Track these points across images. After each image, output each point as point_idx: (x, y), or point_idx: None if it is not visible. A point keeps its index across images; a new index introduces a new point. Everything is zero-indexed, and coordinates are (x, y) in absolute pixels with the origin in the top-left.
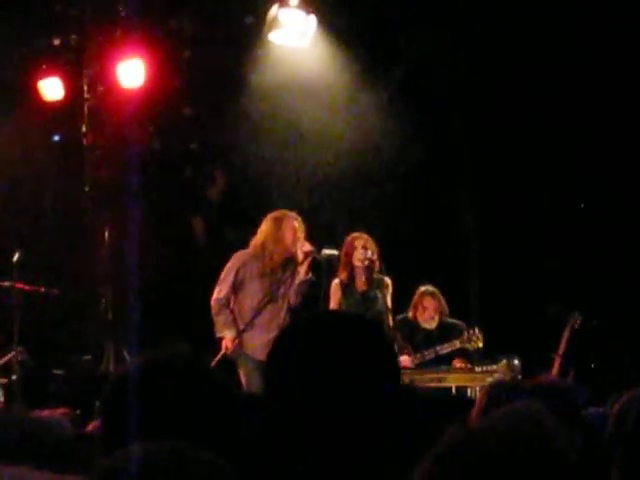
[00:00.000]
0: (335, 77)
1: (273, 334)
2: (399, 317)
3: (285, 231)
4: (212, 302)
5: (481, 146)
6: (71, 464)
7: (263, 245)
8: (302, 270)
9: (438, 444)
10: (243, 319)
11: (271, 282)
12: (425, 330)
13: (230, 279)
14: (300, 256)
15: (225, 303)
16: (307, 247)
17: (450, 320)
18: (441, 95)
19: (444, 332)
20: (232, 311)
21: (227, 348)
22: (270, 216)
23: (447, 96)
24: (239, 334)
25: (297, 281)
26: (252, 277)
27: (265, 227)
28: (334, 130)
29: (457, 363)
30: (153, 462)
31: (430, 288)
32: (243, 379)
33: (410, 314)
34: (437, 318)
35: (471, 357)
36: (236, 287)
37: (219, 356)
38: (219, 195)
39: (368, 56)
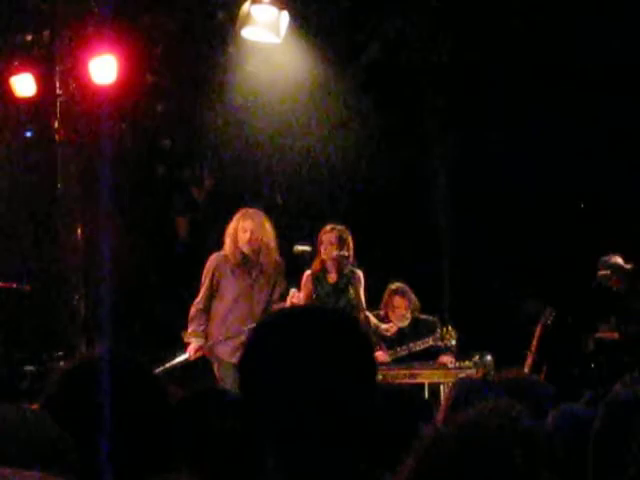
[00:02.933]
0: (308, 73)
1: (243, 338)
2: (372, 314)
3: (238, 229)
4: (192, 306)
5: (456, 140)
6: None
7: (224, 244)
8: None
9: (420, 440)
10: (217, 320)
11: (243, 281)
12: (398, 328)
13: (207, 283)
14: (288, 303)
15: (202, 308)
16: (296, 299)
17: (423, 316)
18: (415, 85)
19: (417, 329)
20: (208, 318)
21: (190, 356)
22: (236, 214)
23: (422, 86)
24: (208, 345)
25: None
26: (225, 277)
27: (228, 225)
28: (307, 125)
29: (444, 358)
30: None
31: (399, 286)
32: (219, 381)
33: (382, 312)
34: (409, 315)
35: (453, 353)
36: (214, 290)
37: (182, 360)
38: (205, 196)
39: (341, 51)
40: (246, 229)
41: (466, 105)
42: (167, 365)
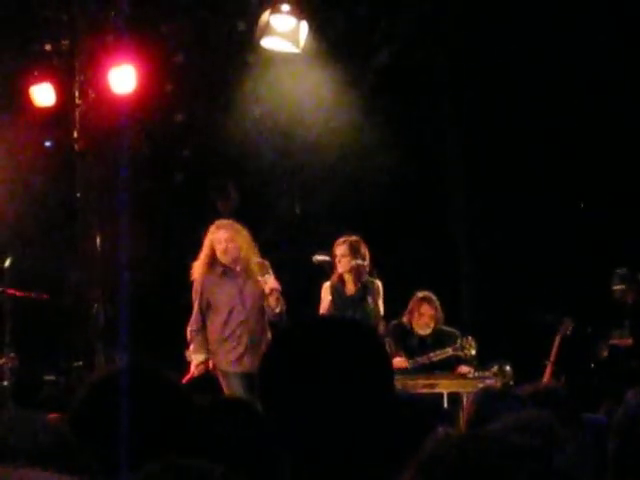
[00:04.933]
0: (327, 82)
1: (243, 346)
2: (393, 322)
3: (214, 242)
4: (188, 328)
5: (472, 146)
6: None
7: (200, 258)
8: (271, 302)
9: (422, 451)
10: (215, 335)
11: (232, 289)
12: (419, 336)
13: (197, 305)
14: (266, 290)
15: (197, 328)
16: (271, 284)
17: (445, 328)
18: (433, 88)
19: (438, 339)
20: (206, 334)
21: (193, 373)
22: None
23: (437, 91)
24: (208, 356)
25: (267, 309)
26: (213, 291)
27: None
28: (326, 134)
29: (463, 368)
30: None
31: (427, 294)
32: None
33: (405, 319)
34: (432, 325)
35: (472, 364)
36: (206, 306)
37: (187, 377)
38: (231, 210)
39: (360, 59)
40: (220, 240)
41: (484, 113)
42: None
